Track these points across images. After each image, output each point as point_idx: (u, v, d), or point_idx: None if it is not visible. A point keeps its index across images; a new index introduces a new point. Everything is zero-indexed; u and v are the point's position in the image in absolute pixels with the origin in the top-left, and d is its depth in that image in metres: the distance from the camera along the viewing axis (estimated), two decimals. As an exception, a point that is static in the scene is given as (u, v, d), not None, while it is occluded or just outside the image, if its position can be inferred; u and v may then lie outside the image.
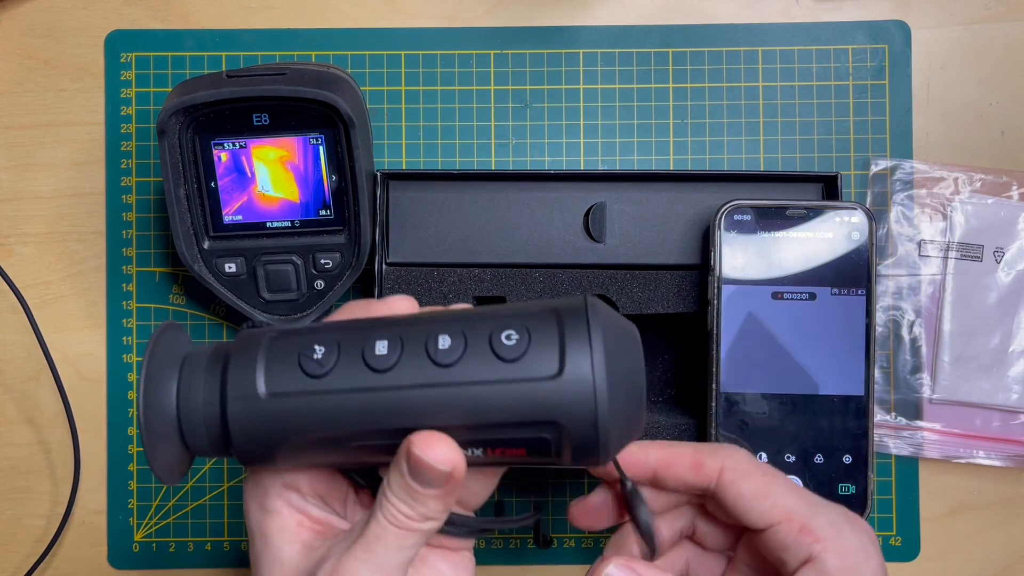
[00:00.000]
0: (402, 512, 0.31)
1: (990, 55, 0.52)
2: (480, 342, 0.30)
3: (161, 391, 0.30)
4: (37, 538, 0.52)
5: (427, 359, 0.30)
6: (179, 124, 0.45)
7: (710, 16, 0.53)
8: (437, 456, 0.30)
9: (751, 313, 0.47)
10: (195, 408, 0.30)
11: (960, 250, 0.51)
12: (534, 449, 0.30)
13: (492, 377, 0.29)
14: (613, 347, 0.30)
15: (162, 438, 0.30)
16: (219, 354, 0.31)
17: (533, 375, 0.29)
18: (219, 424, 0.30)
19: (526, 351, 0.29)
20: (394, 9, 0.53)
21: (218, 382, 0.31)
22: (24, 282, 0.52)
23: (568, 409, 0.29)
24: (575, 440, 0.29)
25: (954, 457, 0.51)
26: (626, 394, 0.30)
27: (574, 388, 0.29)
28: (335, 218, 0.48)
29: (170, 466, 0.31)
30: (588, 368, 0.29)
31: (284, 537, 0.32)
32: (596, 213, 0.49)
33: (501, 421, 0.29)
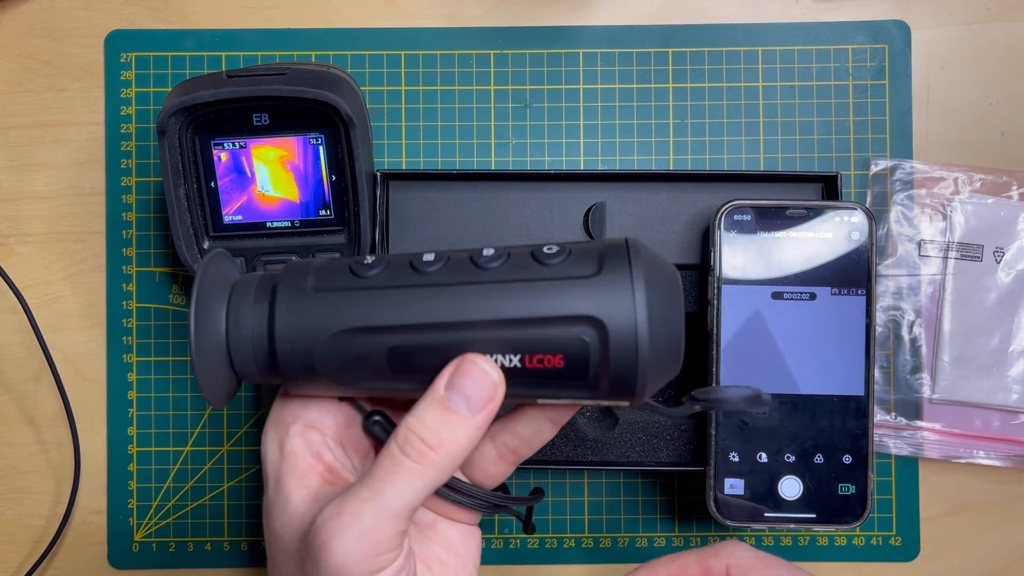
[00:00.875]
0: (424, 439, 0.30)
1: (990, 55, 0.52)
2: (522, 252, 0.32)
3: (211, 313, 0.31)
4: (37, 538, 0.52)
5: (470, 263, 0.31)
6: (179, 124, 0.45)
7: (710, 16, 0.53)
8: (489, 367, 0.30)
9: (751, 313, 0.47)
10: (244, 325, 0.31)
11: (960, 250, 0.51)
12: (573, 358, 0.30)
13: (532, 276, 0.30)
14: (651, 268, 0.31)
15: (209, 357, 0.31)
16: (268, 278, 0.33)
17: (572, 274, 0.30)
18: (266, 329, 0.31)
19: (566, 258, 0.31)
20: (394, 9, 0.53)
21: (268, 296, 0.32)
22: (24, 282, 0.52)
23: (607, 304, 0.30)
24: (614, 346, 0.29)
25: (954, 457, 0.51)
26: (664, 309, 0.30)
27: (612, 284, 0.30)
28: (335, 218, 0.48)
29: (217, 388, 0.32)
30: (626, 270, 0.30)
31: (293, 482, 0.32)
32: (596, 213, 0.49)
33: (540, 315, 0.30)
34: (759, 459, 0.47)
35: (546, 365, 0.30)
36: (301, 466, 0.32)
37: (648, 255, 0.31)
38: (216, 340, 0.31)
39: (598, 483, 0.52)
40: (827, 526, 0.47)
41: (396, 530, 0.30)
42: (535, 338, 0.30)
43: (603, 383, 0.30)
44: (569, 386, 0.31)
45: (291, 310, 0.31)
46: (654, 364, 0.30)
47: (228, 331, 0.31)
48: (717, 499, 0.47)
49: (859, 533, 0.52)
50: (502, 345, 0.30)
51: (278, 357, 0.31)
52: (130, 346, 0.52)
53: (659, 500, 0.52)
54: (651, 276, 0.30)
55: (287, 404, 0.34)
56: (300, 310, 0.31)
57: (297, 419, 0.33)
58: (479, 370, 0.30)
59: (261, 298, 0.32)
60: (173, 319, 0.52)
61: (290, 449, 0.33)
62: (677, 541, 0.52)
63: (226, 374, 0.32)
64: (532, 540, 0.52)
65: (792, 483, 0.47)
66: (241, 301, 0.32)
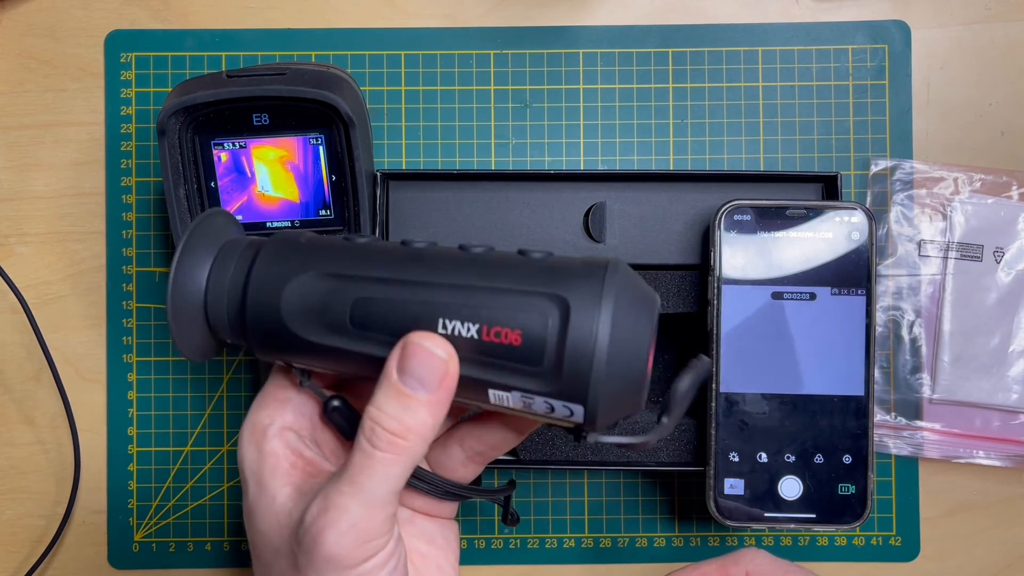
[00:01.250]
0: (388, 428, 0.30)
1: (990, 55, 0.52)
2: (508, 251, 0.33)
3: (195, 264, 0.32)
4: (37, 538, 0.52)
5: (457, 249, 0.32)
6: (179, 124, 0.45)
7: (710, 16, 0.53)
8: (435, 344, 0.30)
9: (751, 313, 0.47)
10: (224, 277, 0.33)
11: (960, 250, 0.51)
12: (530, 337, 0.30)
13: (511, 259, 0.31)
14: (628, 283, 0.31)
15: (183, 304, 0.32)
16: (261, 239, 0.34)
17: (549, 263, 0.31)
18: (244, 275, 0.32)
19: (547, 256, 0.32)
20: (394, 9, 0.53)
21: (254, 251, 0.33)
22: (24, 282, 0.52)
23: (575, 287, 0.30)
24: (573, 333, 0.29)
25: (954, 457, 0.51)
26: (630, 320, 0.30)
27: (585, 274, 0.30)
28: (335, 218, 0.48)
29: (191, 339, 0.33)
30: (602, 273, 0.30)
31: (277, 480, 0.33)
32: (596, 213, 0.49)
33: (506, 286, 0.30)
34: (759, 459, 0.47)
35: (502, 340, 0.30)
36: (283, 465, 0.33)
37: (629, 274, 0.31)
38: (194, 288, 0.32)
39: (598, 483, 0.52)
40: (827, 526, 0.47)
41: (384, 515, 0.31)
42: (495, 307, 0.30)
43: (556, 375, 0.30)
44: (523, 372, 0.30)
45: (270, 258, 0.32)
46: (611, 368, 0.30)
47: (209, 281, 0.33)
48: (717, 499, 0.47)
49: (859, 533, 0.52)
50: (462, 311, 0.30)
51: (247, 300, 0.32)
52: (130, 346, 0.52)
53: (659, 500, 0.52)
54: (626, 282, 0.31)
55: (262, 408, 0.34)
56: (279, 257, 0.32)
57: (273, 422, 0.34)
58: (424, 351, 0.30)
59: (248, 253, 0.33)
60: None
61: (270, 450, 0.33)
62: (677, 541, 0.52)
63: (200, 325, 0.33)
64: (532, 540, 0.52)
65: (792, 483, 0.47)
66: (230, 254, 0.33)
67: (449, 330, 0.31)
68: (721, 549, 0.52)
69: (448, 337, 0.31)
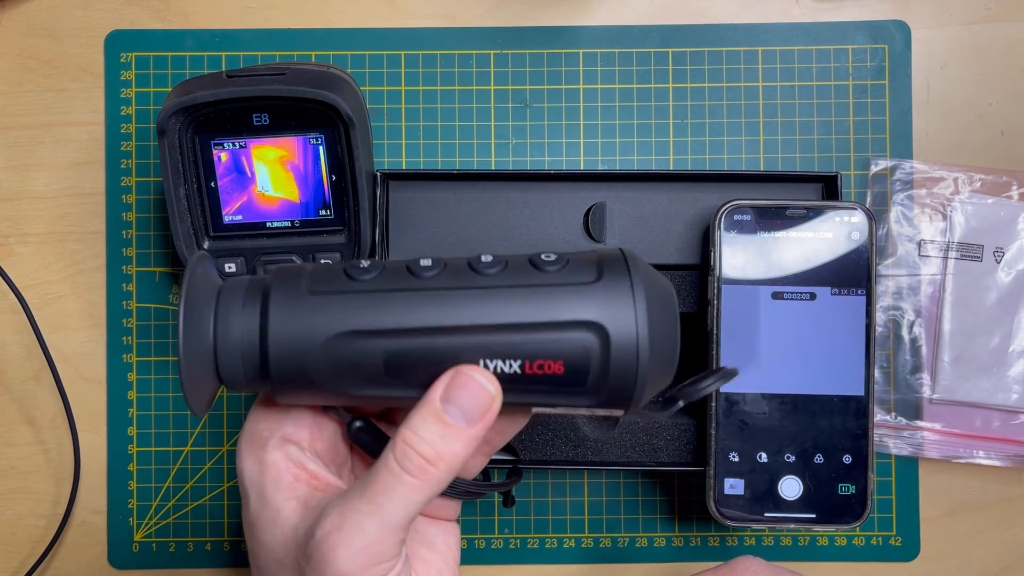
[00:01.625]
0: (422, 454, 0.30)
1: (990, 55, 0.52)
2: (520, 260, 0.31)
3: (200, 318, 0.30)
4: (37, 538, 0.52)
5: (468, 269, 0.31)
6: (179, 124, 0.45)
7: (710, 16, 0.53)
8: (486, 380, 0.30)
9: (751, 313, 0.47)
10: (233, 330, 0.31)
11: (960, 250, 0.51)
12: (573, 364, 0.30)
13: (531, 281, 0.30)
14: (649, 278, 0.31)
15: (197, 364, 0.30)
16: (258, 281, 0.32)
17: (571, 280, 0.30)
18: (258, 334, 0.31)
19: (564, 266, 0.31)
20: (394, 9, 0.53)
21: (259, 300, 0.31)
22: (24, 282, 0.52)
23: (609, 310, 0.30)
24: (615, 353, 0.29)
25: (954, 457, 0.51)
26: (662, 318, 0.30)
27: (614, 290, 0.30)
28: (335, 218, 0.48)
29: (201, 396, 0.31)
30: (626, 278, 0.30)
31: (281, 493, 0.32)
32: (596, 213, 0.49)
33: (542, 320, 0.30)
34: (759, 459, 0.47)
35: (546, 371, 0.30)
36: (286, 477, 0.32)
37: (645, 266, 0.32)
38: (204, 345, 0.30)
39: (598, 483, 0.52)
40: (827, 526, 0.46)
41: (397, 539, 0.31)
42: (536, 343, 0.30)
43: (602, 390, 0.30)
44: (567, 393, 0.31)
45: (285, 314, 0.30)
46: (653, 372, 0.30)
47: (216, 336, 0.30)
48: (717, 499, 0.47)
49: (859, 533, 0.52)
50: (502, 350, 0.30)
51: (270, 363, 0.30)
52: (130, 346, 0.52)
53: (659, 500, 0.52)
54: (650, 285, 0.31)
55: (260, 419, 0.33)
56: (294, 314, 0.30)
57: (273, 433, 0.33)
58: (475, 383, 0.30)
59: (252, 301, 0.31)
60: (173, 319, 0.52)
61: (271, 463, 0.32)
62: (677, 541, 0.52)
63: (212, 381, 0.31)
64: (532, 540, 0.52)
65: (792, 483, 0.47)
66: (230, 305, 0.31)
67: (491, 367, 0.30)
68: (721, 549, 0.52)
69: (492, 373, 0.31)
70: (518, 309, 0.30)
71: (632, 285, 0.30)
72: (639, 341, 0.30)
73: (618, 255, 0.31)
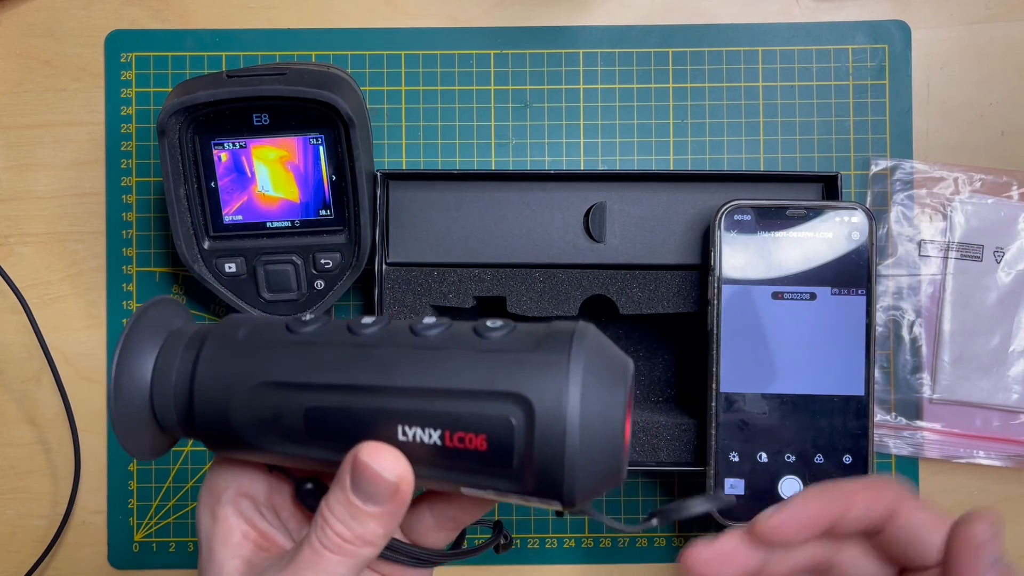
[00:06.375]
0: (339, 534, 0.29)
1: (990, 55, 0.52)
2: (464, 325, 0.29)
3: (139, 357, 0.30)
4: (37, 538, 0.52)
5: (408, 330, 0.29)
6: (179, 124, 0.45)
7: (710, 16, 0.53)
8: (385, 464, 0.28)
9: (751, 313, 0.47)
10: (168, 372, 0.30)
11: (960, 250, 0.51)
12: (496, 441, 0.27)
13: (469, 347, 0.28)
14: (595, 353, 0.28)
15: (129, 406, 0.30)
16: (204, 328, 0.31)
17: (508, 349, 0.28)
18: (188, 376, 0.30)
19: (508, 333, 0.29)
20: (394, 9, 0.53)
21: (198, 345, 0.30)
22: (24, 282, 0.52)
23: (536, 382, 0.27)
24: (540, 432, 0.27)
25: (954, 457, 0.51)
26: (602, 399, 0.28)
27: (546, 361, 0.27)
28: (335, 218, 0.48)
29: (139, 438, 0.30)
30: (565, 349, 0.27)
31: (226, 551, 0.31)
32: (596, 213, 0.49)
33: (464, 387, 0.28)
34: (759, 459, 0.47)
35: (467, 445, 0.28)
36: (235, 535, 0.32)
37: (597, 340, 0.29)
38: (140, 385, 0.30)
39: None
40: (827, 526, 0.46)
41: None
42: (456, 412, 0.28)
43: (527, 475, 0.28)
44: (492, 474, 0.28)
45: (214, 359, 0.30)
46: (585, 461, 0.27)
47: (153, 377, 0.30)
48: (717, 499, 0.47)
49: (859, 533, 0.52)
50: (422, 417, 0.28)
51: (195, 407, 0.30)
52: (130, 346, 0.52)
53: (659, 500, 0.52)
54: (593, 360, 0.28)
55: (219, 472, 0.33)
56: (223, 359, 0.30)
57: (229, 486, 0.32)
58: (372, 472, 0.28)
59: (192, 345, 0.30)
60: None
61: (223, 517, 0.32)
62: (677, 541, 0.52)
63: (149, 424, 0.30)
64: (532, 540, 0.52)
65: (792, 483, 0.47)
66: (173, 348, 0.30)
67: (410, 436, 0.28)
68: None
69: (409, 444, 0.28)
70: (440, 372, 0.28)
71: (570, 357, 0.27)
72: (567, 422, 0.27)
73: (571, 327, 0.28)
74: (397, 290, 0.49)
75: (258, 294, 0.48)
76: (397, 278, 0.49)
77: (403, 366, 0.28)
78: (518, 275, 0.49)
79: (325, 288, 0.48)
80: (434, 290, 0.49)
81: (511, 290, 0.49)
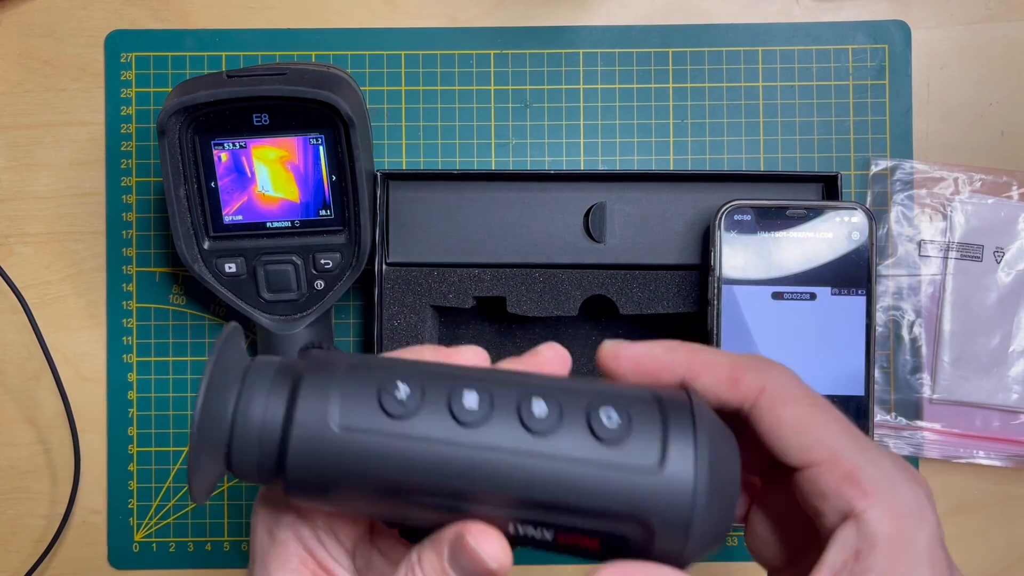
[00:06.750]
0: None
1: (990, 55, 0.52)
2: (576, 415, 0.28)
3: (219, 400, 0.27)
4: (37, 538, 0.52)
5: (519, 422, 0.27)
6: (179, 124, 0.45)
7: (710, 16, 0.53)
8: (491, 552, 0.27)
9: (751, 313, 0.47)
10: (252, 425, 0.28)
11: (960, 250, 0.51)
12: (608, 543, 0.27)
13: (586, 457, 0.27)
14: (717, 451, 0.27)
15: (209, 452, 0.27)
16: (286, 370, 0.29)
17: (630, 464, 0.27)
18: (276, 447, 0.28)
19: (625, 436, 0.27)
20: (394, 9, 0.53)
21: (284, 401, 0.28)
22: (24, 282, 0.52)
23: (662, 511, 0.26)
24: (658, 545, 0.27)
25: (954, 457, 0.51)
26: (724, 504, 0.27)
27: (673, 487, 0.27)
28: (335, 218, 0.48)
29: (209, 485, 0.28)
30: (691, 468, 0.27)
31: (283, 574, 0.30)
32: (596, 213, 0.49)
33: (587, 507, 0.27)
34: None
35: (579, 543, 0.28)
36: (293, 560, 0.31)
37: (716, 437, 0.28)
38: (219, 429, 0.28)
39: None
40: (827, 526, 0.46)
41: None
42: (574, 524, 0.28)
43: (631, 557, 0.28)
44: (594, 557, 0.28)
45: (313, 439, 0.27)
46: (700, 554, 0.27)
47: (235, 421, 0.28)
48: (717, 499, 0.47)
49: (859, 533, 0.52)
50: (537, 522, 0.28)
51: (287, 474, 0.28)
52: (130, 346, 0.52)
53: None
54: (716, 479, 0.27)
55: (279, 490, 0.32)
56: (321, 444, 0.27)
57: (290, 510, 0.31)
58: (475, 554, 0.27)
59: (278, 390, 0.28)
60: (173, 319, 0.52)
61: (282, 540, 0.31)
62: (677, 541, 0.52)
63: (220, 468, 0.29)
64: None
65: (792, 483, 0.46)
66: (255, 389, 0.28)
67: (521, 532, 0.28)
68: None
69: (518, 536, 0.28)
70: (564, 491, 0.27)
71: (695, 486, 0.26)
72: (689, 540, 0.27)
73: (690, 431, 0.27)
74: (397, 290, 0.49)
75: (258, 294, 0.48)
76: (397, 278, 0.49)
77: (523, 478, 0.27)
78: (518, 275, 0.49)
79: (325, 288, 0.48)
80: (434, 290, 0.49)
81: (511, 290, 0.49)
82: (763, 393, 0.30)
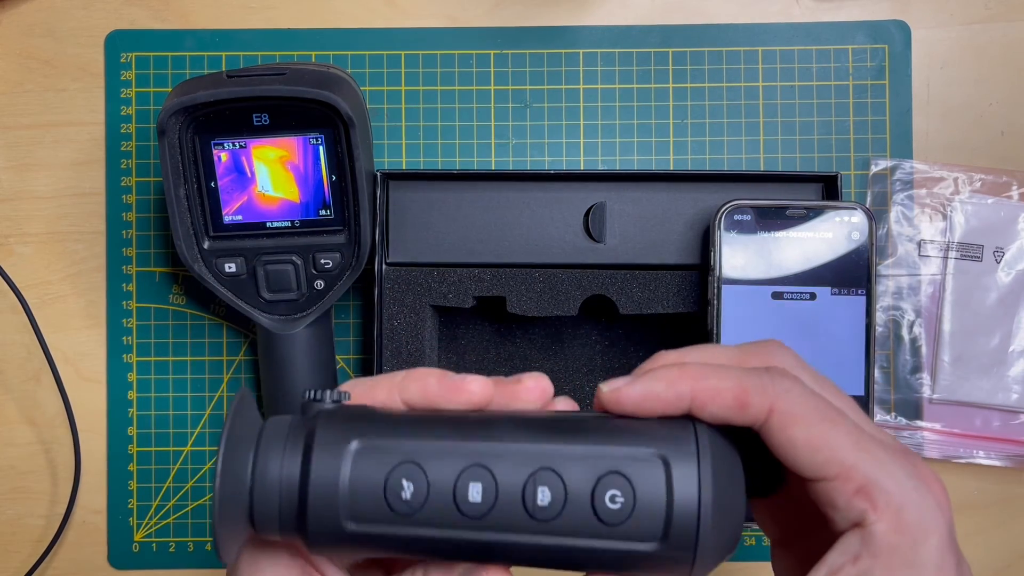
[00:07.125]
0: None
1: (990, 55, 0.52)
2: (581, 498, 0.28)
3: (237, 461, 0.28)
4: (37, 538, 0.52)
5: (523, 511, 0.28)
6: (179, 124, 0.45)
7: (710, 16, 0.53)
8: None
9: (751, 313, 0.47)
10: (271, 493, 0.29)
11: (960, 250, 0.51)
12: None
13: (592, 543, 0.28)
14: (722, 502, 0.28)
15: (234, 516, 0.28)
16: (298, 428, 0.30)
17: (634, 546, 0.28)
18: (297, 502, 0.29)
19: (629, 516, 0.28)
20: (394, 9, 0.53)
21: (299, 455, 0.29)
22: (24, 282, 0.52)
23: (667, 570, 0.28)
24: None
25: (954, 457, 0.51)
26: (727, 542, 0.29)
27: (677, 556, 0.28)
28: (335, 218, 0.48)
29: (234, 543, 0.29)
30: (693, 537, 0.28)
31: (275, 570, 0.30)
32: (596, 213, 0.49)
33: (595, 570, 0.29)
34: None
35: None
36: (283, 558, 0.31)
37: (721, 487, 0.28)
38: (240, 490, 0.28)
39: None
40: (827, 526, 0.46)
41: None
42: None
43: None
44: None
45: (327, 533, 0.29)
46: None
47: (254, 481, 0.29)
48: (717, 499, 0.47)
49: (859, 533, 0.52)
50: None
51: (308, 528, 0.29)
52: (130, 346, 0.52)
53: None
54: (720, 529, 0.28)
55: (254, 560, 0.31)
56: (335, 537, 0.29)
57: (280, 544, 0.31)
58: None
59: (290, 457, 0.29)
60: (173, 319, 0.52)
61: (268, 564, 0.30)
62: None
63: (243, 528, 0.29)
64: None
65: (792, 483, 0.46)
66: (272, 447, 0.29)
67: None
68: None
69: None
70: (572, 564, 0.29)
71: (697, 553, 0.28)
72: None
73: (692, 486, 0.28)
74: (397, 290, 0.49)
75: (258, 294, 0.48)
76: (397, 278, 0.49)
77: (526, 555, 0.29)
78: (518, 275, 0.49)
79: (325, 288, 0.48)
80: (434, 290, 0.49)
81: (511, 290, 0.49)
82: (772, 414, 0.30)
